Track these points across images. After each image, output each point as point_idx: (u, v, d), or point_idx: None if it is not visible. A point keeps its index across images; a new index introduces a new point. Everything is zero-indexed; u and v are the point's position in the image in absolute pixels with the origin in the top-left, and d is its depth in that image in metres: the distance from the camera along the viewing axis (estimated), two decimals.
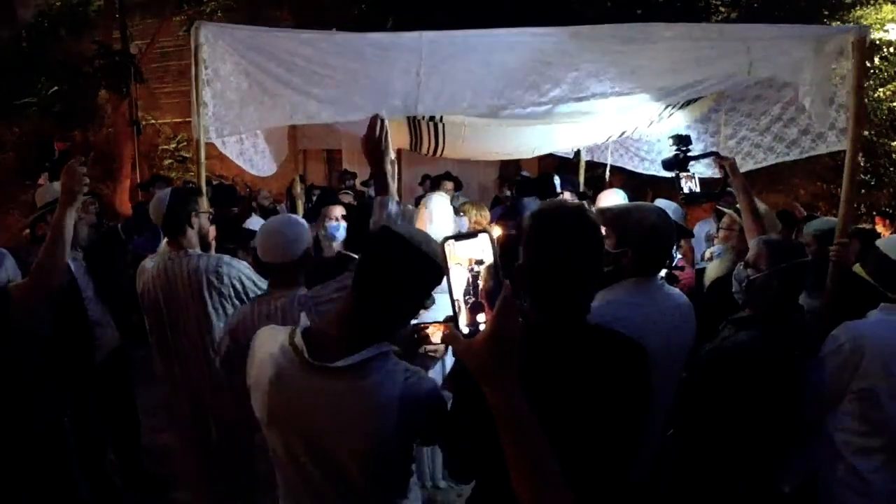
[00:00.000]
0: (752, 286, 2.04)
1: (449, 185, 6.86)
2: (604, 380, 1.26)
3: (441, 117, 3.00)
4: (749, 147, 3.14)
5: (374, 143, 1.85)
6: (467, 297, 0.88)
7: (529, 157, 4.18)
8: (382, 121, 1.87)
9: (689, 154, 2.71)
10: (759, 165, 3.15)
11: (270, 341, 1.38)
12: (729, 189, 2.58)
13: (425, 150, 3.23)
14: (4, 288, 2.09)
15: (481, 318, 0.88)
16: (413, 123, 3.12)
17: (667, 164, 2.79)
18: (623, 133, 3.32)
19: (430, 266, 1.29)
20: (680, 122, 3.37)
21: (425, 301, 1.39)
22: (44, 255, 2.04)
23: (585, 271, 1.30)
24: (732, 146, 3.21)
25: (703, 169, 3.00)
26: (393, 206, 1.82)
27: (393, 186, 1.87)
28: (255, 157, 3.39)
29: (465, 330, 0.88)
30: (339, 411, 1.27)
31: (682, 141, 2.71)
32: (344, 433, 1.28)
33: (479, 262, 0.88)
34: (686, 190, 2.68)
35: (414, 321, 1.51)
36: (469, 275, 0.88)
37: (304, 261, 2.11)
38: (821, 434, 2.06)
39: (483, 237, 0.89)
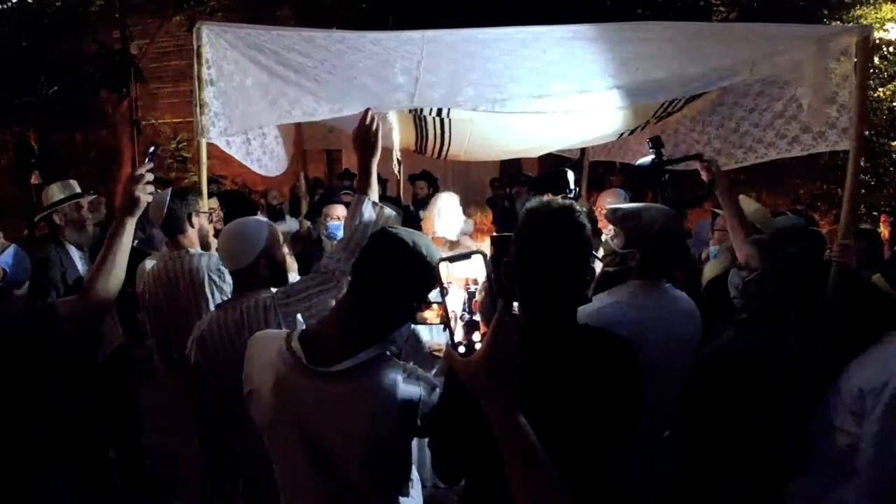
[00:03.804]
0: (749, 288, 2.03)
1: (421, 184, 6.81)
2: (593, 379, 1.25)
3: (448, 111, 2.95)
4: (751, 142, 3.12)
5: (363, 136, 1.82)
6: (463, 314, 0.90)
7: (536, 155, 4.14)
8: (374, 116, 1.84)
9: (665, 157, 2.63)
10: (760, 160, 3.13)
11: (267, 347, 1.37)
12: (714, 192, 2.53)
13: (430, 150, 3.19)
14: (52, 304, 1.85)
15: (476, 336, 0.91)
16: (419, 121, 3.07)
17: (644, 169, 2.69)
18: (634, 130, 3.27)
19: (429, 269, 1.30)
20: (686, 114, 3.35)
21: (422, 304, 1.40)
22: (96, 271, 1.78)
23: (570, 271, 1.29)
24: (735, 140, 3.19)
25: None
26: (367, 211, 1.77)
27: (375, 184, 1.83)
28: (263, 158, 3.39)
29: (462, 349, 0.90)
30: (339, 414, 1.28)
31: (656, 144, 2.65)
32: (344, 435, 1.29)
33: (476, 282, 0.90)
34: (669, 195, 2.61)
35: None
36: (465, 293, 0.90)
37: (261, 263, 1.93)
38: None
39: (477, 258, 0.91)
